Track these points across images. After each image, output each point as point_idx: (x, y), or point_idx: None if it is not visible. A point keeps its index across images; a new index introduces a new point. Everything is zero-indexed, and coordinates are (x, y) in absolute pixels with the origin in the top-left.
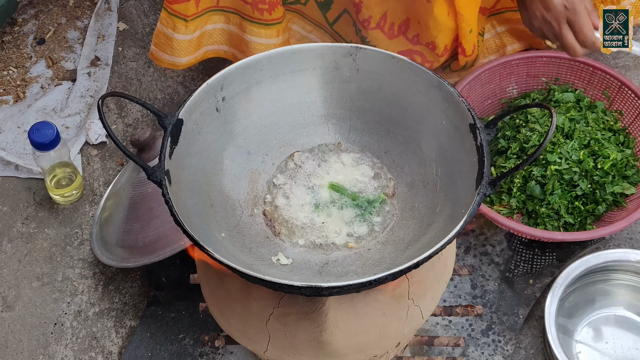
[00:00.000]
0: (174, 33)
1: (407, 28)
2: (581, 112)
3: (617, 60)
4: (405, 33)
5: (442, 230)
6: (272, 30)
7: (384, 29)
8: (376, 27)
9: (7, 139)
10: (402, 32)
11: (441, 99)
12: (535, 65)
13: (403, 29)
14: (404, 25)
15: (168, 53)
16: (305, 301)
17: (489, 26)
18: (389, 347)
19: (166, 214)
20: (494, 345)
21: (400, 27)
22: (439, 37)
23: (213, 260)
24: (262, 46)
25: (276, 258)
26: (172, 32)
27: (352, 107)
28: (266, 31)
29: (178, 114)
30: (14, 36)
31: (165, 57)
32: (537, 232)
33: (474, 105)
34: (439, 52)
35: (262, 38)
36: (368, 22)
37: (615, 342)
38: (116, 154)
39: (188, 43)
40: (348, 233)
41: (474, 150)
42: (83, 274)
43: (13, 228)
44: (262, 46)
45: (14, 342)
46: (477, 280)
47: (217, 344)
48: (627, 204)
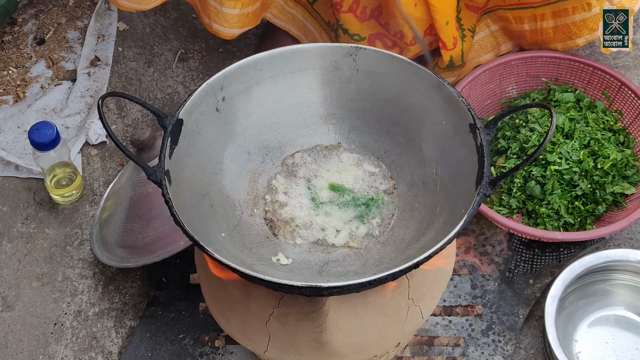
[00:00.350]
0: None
1: (380, 14)
2: (581, 112)
3: (617, 60)
4: (377, 18)
5: (442, 230)
6: (230, 1)
7: (356, 13)
8: (349, 11)
9: (7, 139)
10: (374, 16)
11: (441, 99)
12: (535, 65)
13: (376, 13)
14: (377, 10)
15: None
16: (305, 301)
17: (482, 25)
18: (389, 347)
19: (166, 214)
20: (494, 345)
21: (373, 11)
22: (406, 27)
23: (213, 260)
24: (217, 11)
25: (276, 258)
26: None
27: (352, 107)
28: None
29: (178, 114)
30: (14, 36)
31: (129, 4)
32: (537, 232)
33: (474, 105)
34: (407, 41)
35: (217, 3)
36: (340, 5)
37: (615, 342)
38: (116, 154)
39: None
40: (348, 233)
41: (474, 150)
42: (83, 274)
43: (13, 228)
44: (217, 11)
45: (14, 342)
46: (477, 280)
47: (217, 344)
48: (627, 204)
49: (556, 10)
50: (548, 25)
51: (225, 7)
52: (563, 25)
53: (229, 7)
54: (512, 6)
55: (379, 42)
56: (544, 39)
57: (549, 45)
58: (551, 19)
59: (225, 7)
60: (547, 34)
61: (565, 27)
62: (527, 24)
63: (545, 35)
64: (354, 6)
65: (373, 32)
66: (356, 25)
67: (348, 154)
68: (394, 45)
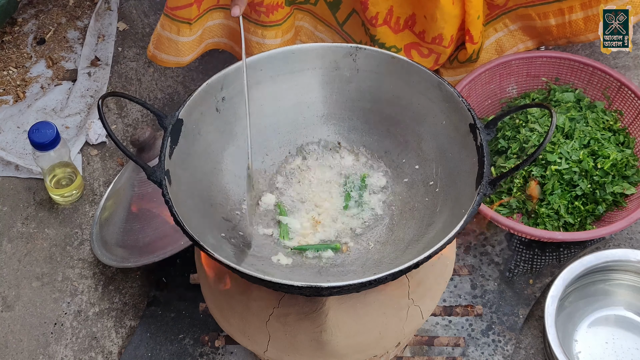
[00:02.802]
0: (179, 37)
1: (414, 23)
2: (581, 112)
3: (617, 60)
4: (411, 28)
5: (442, 230)
6: (271, 31)
7: (391, 24)
8: (383, 24)
9: (7, 139)
10: (408, 27)
11: (441, 99)
12: (535, 65)
13: (410, 23)
14: (410, 19)
15: (173, 55)
16: (305, 301)
17: (501, 25)
18: (389, 347)
19: (166, 214)
20: (494, 345)
21: (407, 21)
22: (446, 28)
23: (213, 260)
24: (260, 45)
25: (276, 258)
26: (176, 37)
27: (352, 107)
28: (263, 31)
29: (178, 114)
30: (14, 36)
31: (170, 58)
32: (537, 232)
33: (474, 105)
34: (446, 44)
35: (259, 37)
36: (376, 19)
37: (615, 342)
38: (116, 154)
39: (192, 42)
40: (347, 232)
41: (474, 150)
42: (83, 274)
43: (13, 228)
44: (260, 45)
45: (14, 342)
46: (477, 280)
47: (217, 344)
48: (627, 204)
49: (585, 1)
50: (578, 17)
51: (267, 38)
52: (595, 15)
53: (271, 37)
54: (534, 3)
55: (415, 52)
56: (573, 31)
57: (580, 37)
58: (581, 11)
59: (268, 38)
60: (578, 26)
61: (597, 17)
62: (553, 19)
63: (575, 28)
64: (388, 18)
65: (408, 42)
66: (392, 37)
67: (348, 154)
68: (431, 53)
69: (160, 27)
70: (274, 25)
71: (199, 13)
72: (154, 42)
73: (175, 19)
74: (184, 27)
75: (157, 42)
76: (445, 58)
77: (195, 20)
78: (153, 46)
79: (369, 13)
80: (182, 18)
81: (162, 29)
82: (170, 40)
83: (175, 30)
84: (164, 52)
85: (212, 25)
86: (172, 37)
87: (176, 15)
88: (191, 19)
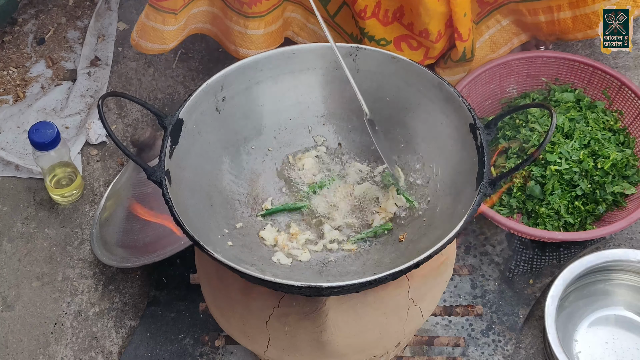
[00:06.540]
0: (164, 26)
1: (402, 15)
2: (581, 112)
3: (617, 60)
4: (400, 20)
5: (442, 230)
6: (253, 22)
7: (379, 17)
8: (372, 16)
9: (7, 139)
10: (396, 19)
11: (441, 99)
12: (535, 65)
13: (398, 15)
14: (399, 11)
15: (159, 43)
16: (305, 301)
17: (493, 21)
18: (389, 347)
19: (166, 214)
20: (494, 345)
21: (395, 13)
22: (432, 24)
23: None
24: (242, 35)
25: (276, 258)
26: (162, 26)
27: (352, 107)
28: (246, 22)
29: (178, 114)
30: (14, 36)
31: (155, 46)
32: (537, 232)
33: (474, 105)
34: (433, 39)
35: (241, 27)
36: (364, 11)
37: (615, 342)
38: (116, 154)
39: (177, 30)
40: (347, 232)
41: (474, 150)
42: (83, 274)
43: (13, 228)
44: (243, 35)
45: (14, 342)
46: (477, 280)
47: (217, 344)
48: (627, 204)
49: (573, 1)
50: (566, 16)
51: (249, 29)
52: (582, 15)
53: (253, 28)
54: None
55: (405, 44)
56: (562, 29)
57: (568, 35)
58: (569, 10)
59: (250, 29)
60: (566, 25)
61: (585, 17)
62: (542, 16)
63: (564, 26)
64: (376, 10)
65: (398, 35)
66: (380, 30)
67: (348, 154)
68: (420, 46)
69: (145, 17)
70: (257, 16)
71: (183, 3)
72: (138, 32)
73: (161, 10)
74: (169, 17)
75: (141, 31)
76: (436, 53)
77: (180, 10)
78: (137, 35)
79: (358, 6)
80: (167, 9)
81: (146, 18)
82: (156, 30)
83: (161, 20)
84: (149, 40)
85: (197, 12)
86: (157, 27)
87: (162, 6)
88: (176, 9)
